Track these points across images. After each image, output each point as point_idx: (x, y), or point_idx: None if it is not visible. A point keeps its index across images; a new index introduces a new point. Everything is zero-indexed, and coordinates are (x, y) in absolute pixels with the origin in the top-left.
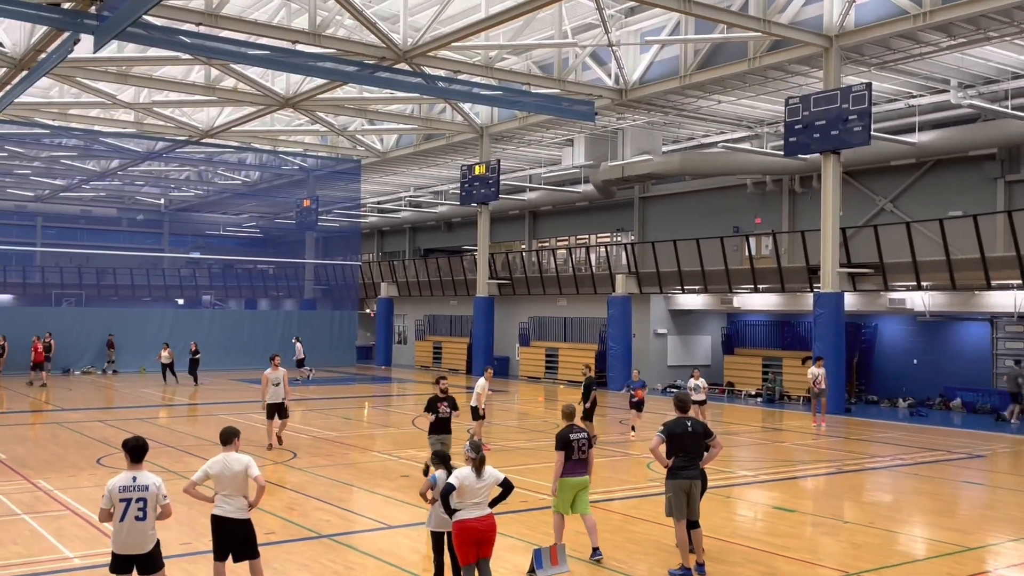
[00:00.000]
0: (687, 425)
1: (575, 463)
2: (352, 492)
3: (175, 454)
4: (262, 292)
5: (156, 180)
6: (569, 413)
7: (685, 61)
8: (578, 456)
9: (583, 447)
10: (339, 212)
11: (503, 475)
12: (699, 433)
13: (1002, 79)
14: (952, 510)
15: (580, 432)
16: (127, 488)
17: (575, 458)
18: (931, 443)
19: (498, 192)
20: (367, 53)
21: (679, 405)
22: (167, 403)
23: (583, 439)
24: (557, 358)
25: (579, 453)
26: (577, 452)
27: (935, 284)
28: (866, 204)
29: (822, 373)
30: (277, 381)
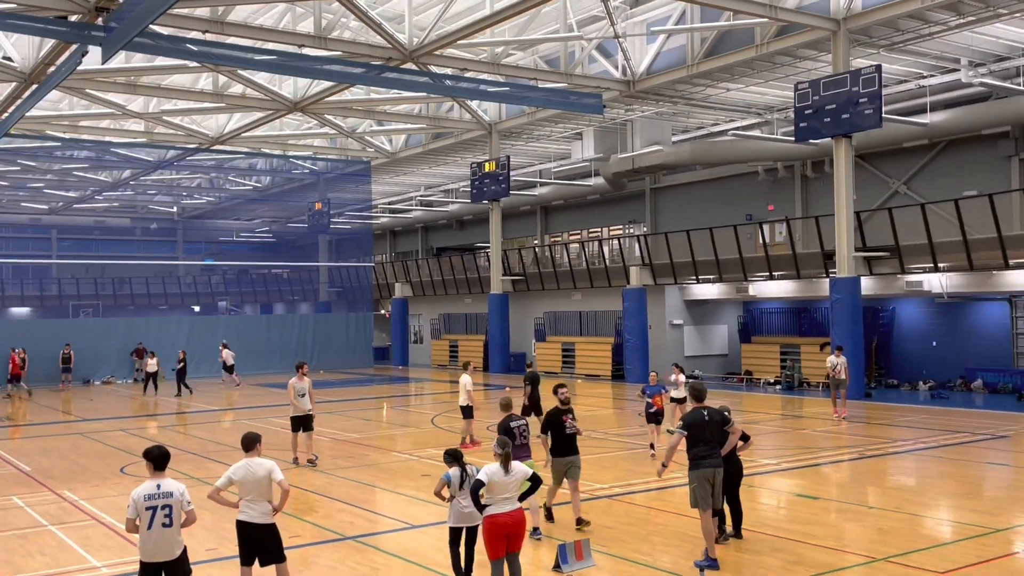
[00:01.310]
0: (704, 415)
1: (516, 448)
2: (375, 493)
3: (197, 460)
4: (277, 296)
5: (168, 188)
6: (506, 404)
7: (692, 50)
8: (520, 441)
9: (524, 433)
10: (351, 214)
11: (531, 470)
12: (717, 422)
13: (1013, 56)
14: (977, 492)
15: (520, 420)
16: (152, 496)
17: (516, 443)
18: (953, 425)
19: (509, 188)
20: (373, 54)
21: (696, 395)
22: (185, 410)
23: (523, 426)
24: (574, 352)
25: (520, 439)
26: (519, 438)
27: (952, 265)
28: (880, 187)
29: (842, 362)
30: (303, 392)
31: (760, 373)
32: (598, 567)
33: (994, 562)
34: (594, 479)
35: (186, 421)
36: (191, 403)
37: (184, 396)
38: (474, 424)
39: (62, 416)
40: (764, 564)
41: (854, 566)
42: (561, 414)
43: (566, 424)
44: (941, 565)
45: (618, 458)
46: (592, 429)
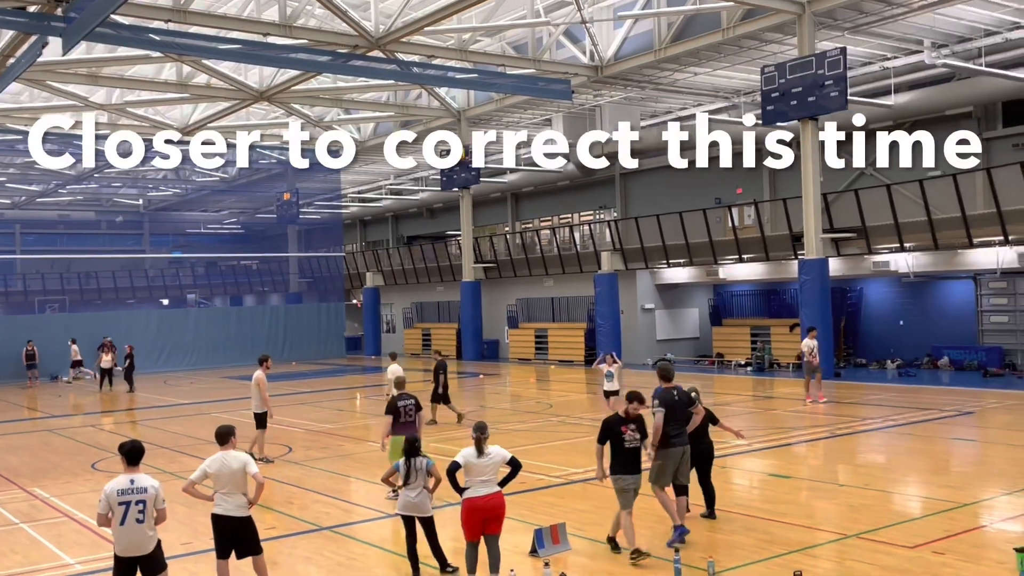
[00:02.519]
0: (674, 394)
1: (403, 425)
2: (349, 483)
3: (170, 455)
4: (247, 288)
5: (133, 181)
6: (400, 383)
7: (659, 35)
8: (405, 419)
9: (409, 411)
10: (320, 204)
11: (510, 454)
12: (684, 402)
13: (975, 37)
14: (945, 468)
15: (408, 399)
16: (125, 491)
17: (403, 421)
18: (921, 402)
19: (479, 176)
20: (339, 42)
21: (664, 375)
22: (157, 405)
23: (410, 405)
24: (547, 338)
25: (406, 416)
26: (404, 415)
27: (918, 245)
28: (846, 168)
29: (815, 345)
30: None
31: (731, 355)
32: (574, 551)
33: (962, 535)
34: (570, 463)
35: (159, 416)
36: (163, 397)
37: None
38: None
39: (28, 413)
40: (738, 543)
41: (826, 543)
42: (621, 423)
43: (625, 436)
44: (910, 540)
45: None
46: (568, 414)
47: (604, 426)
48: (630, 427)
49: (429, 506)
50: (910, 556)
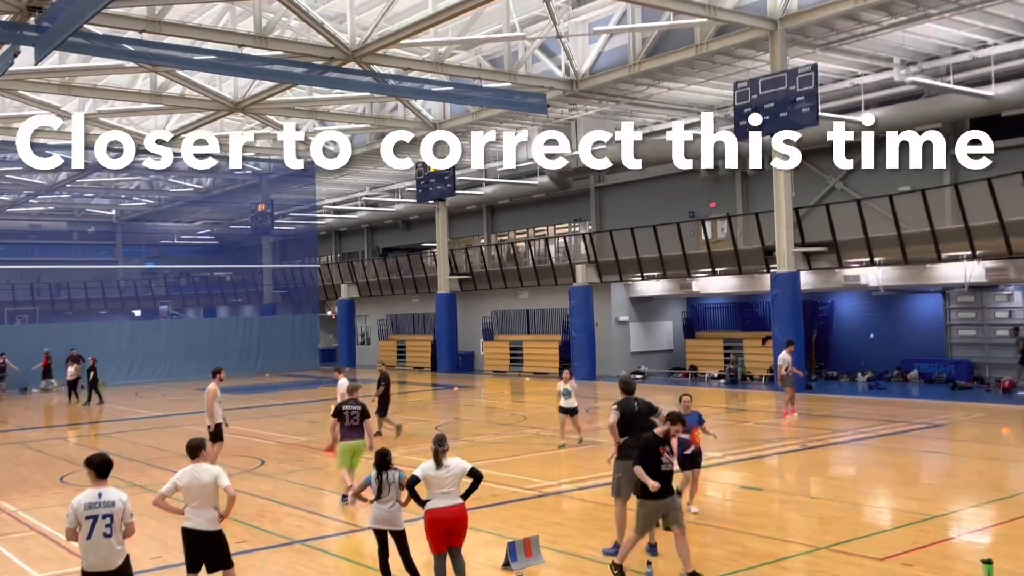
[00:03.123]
0: (635, 405)
1: (348, 428)
2: (322, 496)
3: (141, 467)
4: (220, 299)
5: (106, 191)
6: (353, 388)
7: (634, 50)
8: (350, 423)
9: (354, 416)
10: (295, 215)
11: (470, 465)
12: (645, 413)
13: (943, 55)
14: (914, 480)
15: (354, 405)
16: (93, 505)
17: (348, 424)
18: (891, 415)
19: (454, 188)
20: (315, 54)
21: (625, 388)
22: (128, 417)
23: (355, 410)
24: (522, 351)
25: (351, 420)
26: (349, 420)
27: (887, 259)
28: (817, 183)
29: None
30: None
31: (705, 368)
32: (547, 564)
33: (931, 547)
34: (543, 476)
35: (129, 428)
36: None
37: (93, 404)
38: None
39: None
40: (711, 556)
41: (797, 555)
42: (660, 445)
43: (663, 459)
44: (880, 551)
45: (567, 454)
46: (542, 426)
47: (644, 447)
48: (667, 449)
49: (401, 519)
50: (880, 568)
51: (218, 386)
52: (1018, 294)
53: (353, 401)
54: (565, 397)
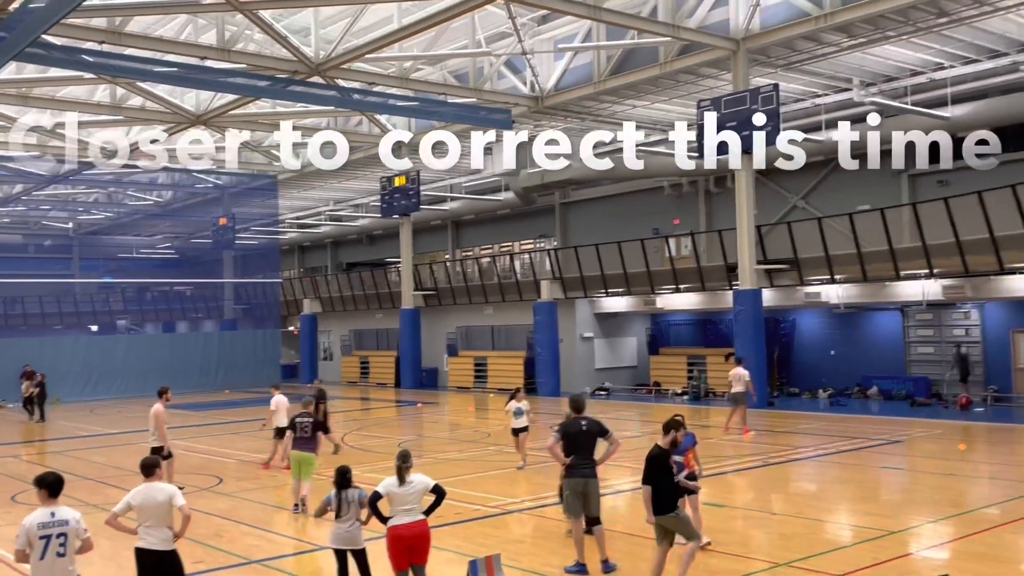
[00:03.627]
0: (582, 425)
1: (299, 440)
2: (281, 515)
3: (94, 486)
4: (180, 314)
5: (63, 204)
6: (307, 403)
7: (598, 67)
8: (301, 435)
9: (306, 428)
10: (257, 229)
11: (433, 481)
12: (594, 432)
13: (901, 77)
14: (874, 496)
15: (306, 417)
16: (46, 524)
17: (299, 436)
18: (851, 431)
19: (419, 203)
20: (279, 67)
21: (574, 406)
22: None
23: (306, 422)
24: (486, 367)
25: (302, 432)
26: (300, 431)
27: (847, 277)
28: (779, 202)
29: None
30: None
31: (668, 384)
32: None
33: (889, 563)
34: (506, 493)
35: (83, 445)
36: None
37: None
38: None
39: None
40: (672, 572)
41: (759, 572)
42: (667, 456)
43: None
44: (840, 568)
45: (529, 471)
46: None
47: (650, 463)
48: (676, 461)
49: (361, 538)
50: None
51: (164, 406)
52: (975, 312)
53: (306, 414)
54: (516, 416)
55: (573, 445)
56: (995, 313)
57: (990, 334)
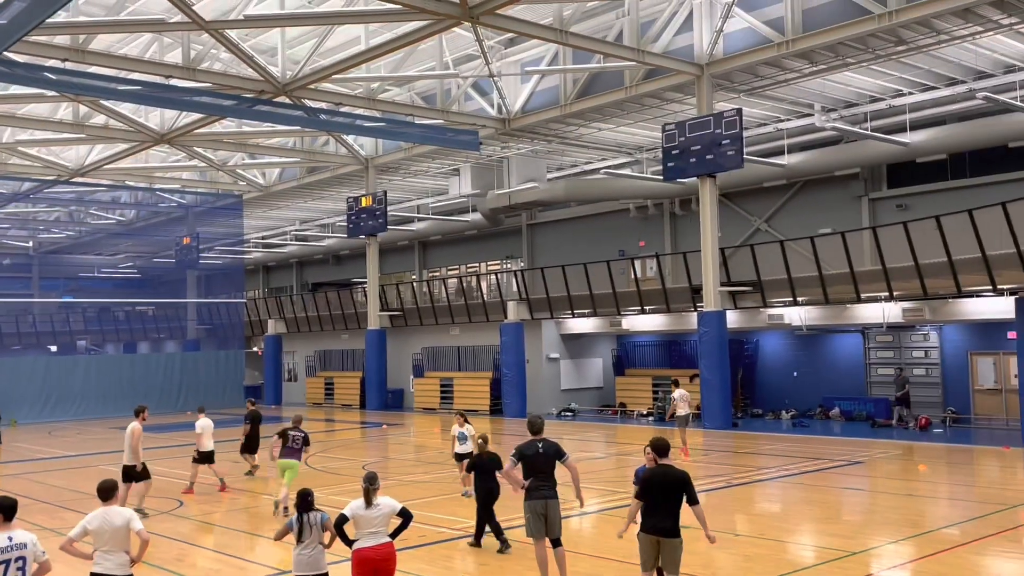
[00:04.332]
0: (538, 447)
1: (288, 450)
2: (244, 539)
3: (51, 509)
4: (142, 335)
5: (23, 222)
6: (297, 420)
7: (565, 90)
8: (292, 446)
9: (296, 440)
10: (221, 249)
11: (400, 505)
12: (551, 455)
13: (861, 103)
14: (837, 517)
15: (298, 431)
16: (5, 549)
17: (289, 446)
18: (814, 452)
19: (386, 223)
20: (245, 87)
21: (531, 428)
22: (39, 457)
23: (298, 436)
24: (452, 388)
25: (292, 443)
26: (291, 442)
27: (810, 299)
28: (743, 224)
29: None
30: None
31: (633, 405)
32: None
33: None
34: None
35: (40, 468)
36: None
37: None
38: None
39: None
40: None
41: None
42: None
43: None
44: None
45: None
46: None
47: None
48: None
49: (324, 563)
50: None
51: (141, 425)
52: (934, 334)
53: (298, 429)
54: (460, 441)
55: (531, 468)
56: (953, 335)
57: (948, 356)
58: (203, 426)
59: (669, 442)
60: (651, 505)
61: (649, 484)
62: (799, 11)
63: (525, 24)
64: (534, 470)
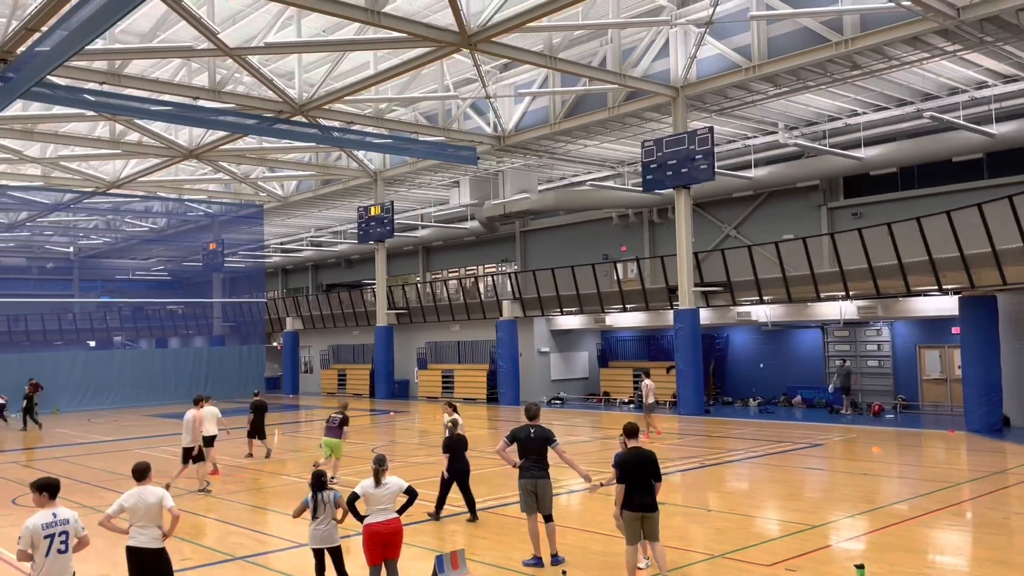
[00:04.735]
0: (530, 432)
1: (328, 429)
2: (264, 515)
3: (90, 489)
4: (172, 331)
5: (65, 230)
6: (344, 406)
7: (554, 110)
8: (330, 425)
9: (333, 421)
10: (244, 253)
11: (407, 484)
12: (541, 439)
13: (820, 121)
14: (799, 494)
15: (338, 414)
16: (50, 524)
17: (328, 426)
18: (778, 436)
19: (393, 230)
20: (265, 107)
21: (528, 414)
22: (79, 442)
23: (336, 417)
24: (453, 378)
25: (330, 423)
26: (329, 422)
27: (774, 298)
28: (714, 231)
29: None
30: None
31: (616, 394)
32: (472, 575)
33: (811, 554)
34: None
35: (81, 452)
36: (86, 434)
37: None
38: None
39: None
40: (617, 563)
41: (696, 563)
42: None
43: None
44: (769, 559)
45: (491, 473)
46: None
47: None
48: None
49: (337, 537)
50: (767, 573)
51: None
52: (886, 329)
53: (339, 411)
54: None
55: (523, 449)
56: (903, 330)
57: (899, 349)
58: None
59: (638, 426)
60: (630, 485)
61: (625, 465)
62: (764, 39)
63: (518, 51)
64: (525, 452)
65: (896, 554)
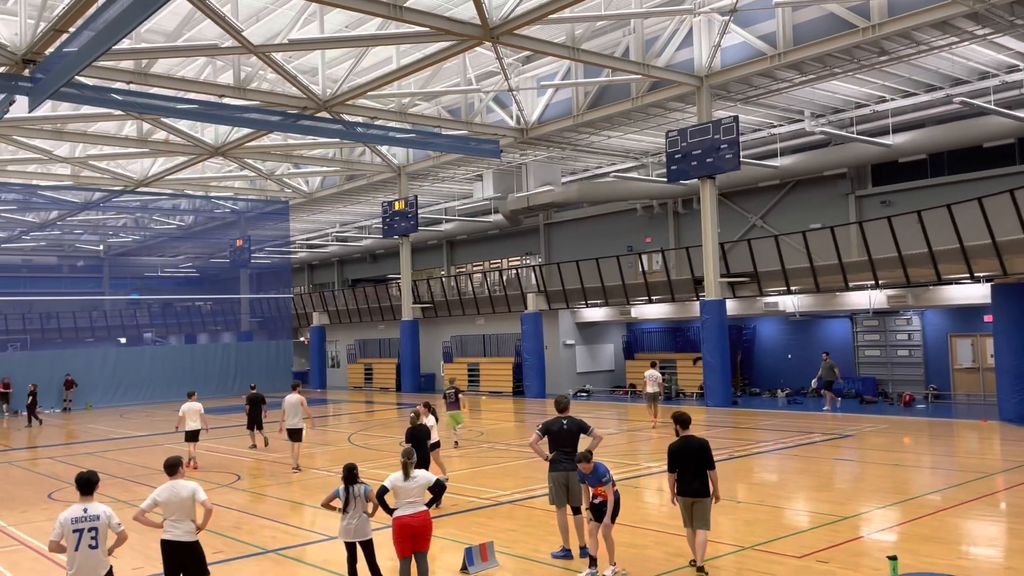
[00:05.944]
0: (563, 424)
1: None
2: (296, 508)
3: (125, 484)
4: (201, 327)
5: (94, 228)
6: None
7: (577, 102)
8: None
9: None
10: (270, 249)
11: (435, 477)
12: (574, 431)
13: (847, 109)
14: (829, 485)
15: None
16: (79, 519)
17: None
18: (807, 427)
19: (417, 225)
20: (289, 104)
21: (558, 406)
22: (112, 437)
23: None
24: (479, 372)
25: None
26: (446, 398)
27: (802, 288)
28: (740, 221)
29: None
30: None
31: (643, 386)
32: (502, 567)
33: (843, 545)
34: (498, 486)
35: (114, 447)
36: (119, 429)
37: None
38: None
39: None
40: (648, 556)
41: (726, 555)
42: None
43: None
44: (799, 550)
45: (519, 466)
46: (496, 441)
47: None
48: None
49: (369, 529)
50: (798, 565)
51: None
52: (916, 318)
53: (451, 389)
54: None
55: (555, 442)
56: (934, 319)
57: (930, 338)
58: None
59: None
60: (682, 471)
61: (677, 453)
62: (790, 26)
63: (540, 43)
64: (558, 444)
65: (929, 545)
